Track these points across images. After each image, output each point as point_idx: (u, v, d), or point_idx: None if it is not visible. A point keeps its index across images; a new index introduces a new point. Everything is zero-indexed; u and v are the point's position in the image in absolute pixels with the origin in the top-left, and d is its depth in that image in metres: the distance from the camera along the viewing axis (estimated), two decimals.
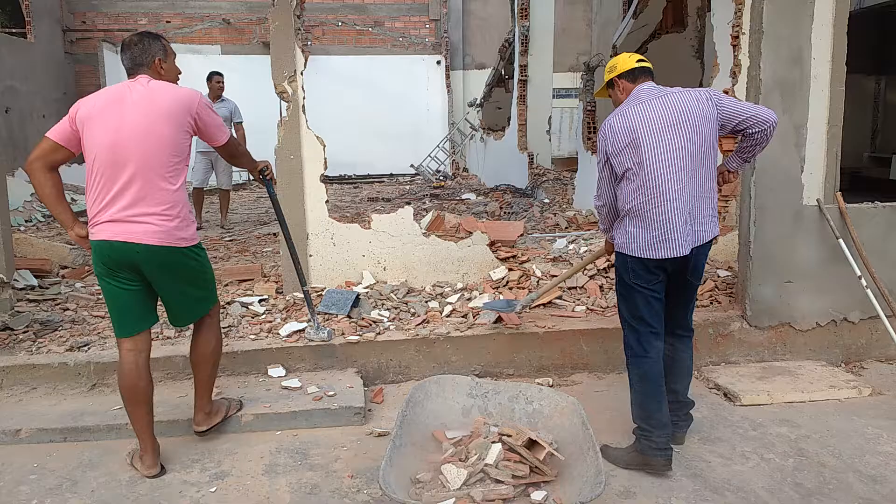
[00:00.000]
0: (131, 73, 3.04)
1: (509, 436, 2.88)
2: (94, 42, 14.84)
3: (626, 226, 3.09)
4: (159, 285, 3.04)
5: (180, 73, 3.21)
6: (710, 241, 3.13)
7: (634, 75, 3.16)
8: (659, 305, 3.14)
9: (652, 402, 3.09)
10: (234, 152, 3.34)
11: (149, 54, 3.04)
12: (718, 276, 4.87)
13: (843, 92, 4.23)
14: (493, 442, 2.85)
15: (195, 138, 3.13)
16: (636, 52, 8.85)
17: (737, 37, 5.15)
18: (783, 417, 3.67)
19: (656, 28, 8.81)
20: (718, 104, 3.04)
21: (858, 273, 4.17)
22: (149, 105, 2.90)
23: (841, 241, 4.21)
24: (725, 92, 5.30)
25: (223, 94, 8.17)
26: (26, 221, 8.90)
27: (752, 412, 3.73)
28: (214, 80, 8.11)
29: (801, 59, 4.14)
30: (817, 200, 4.27)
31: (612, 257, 3.58)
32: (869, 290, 4.16)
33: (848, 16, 4.19)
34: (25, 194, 9.94)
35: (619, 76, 3.18)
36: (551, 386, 3.97)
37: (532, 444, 2.84)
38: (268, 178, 3.65)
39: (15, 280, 4.75)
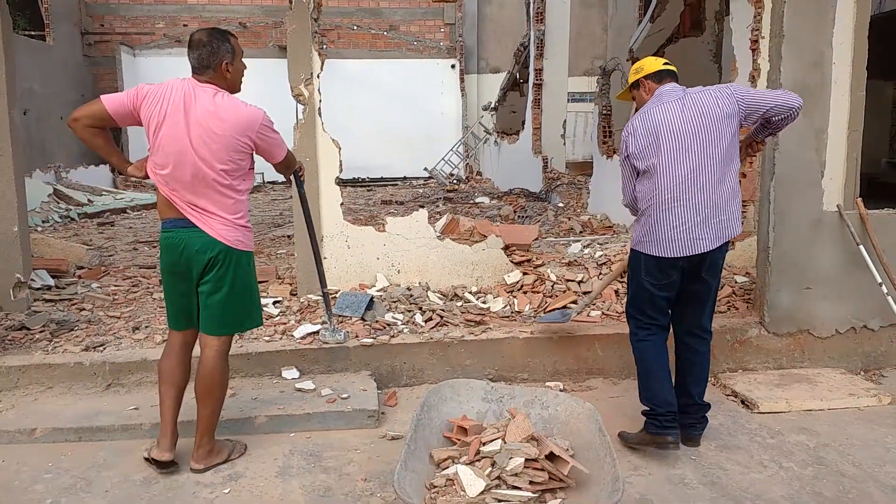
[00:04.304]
0: (196, 71, 3.01)
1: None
2: (111, 45, 15.00)
3: (643, 224, 3.19)
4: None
5: (245, 68, 3.17)
6: (728, 240, 3.18)
7: (660, 77, 3.26)
8: (665, 303, 3.26)
9: (654, 381, 3.23)
10: (289, 165, 3.36)
11: (217, 57, 2.99)
12: (736, 282, 4.82)
13: (863, 97, 4.18)
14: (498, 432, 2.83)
15: None
16: (653, 55, 8.83)
17: (756, 41, 5.10)
18: (802, 425, 3.62)
19: (673, 32, 8.77)
20: (740, 100, 3.12)
21: (879, 280, 4.11)
22: (211, 125, 2.90)
23: (861, 247, 4.15)
24: None
25: None
26: (43, 222, 8.98)
27: (770, 420, 3.69)
28: None
29: (821, 63, 4.10)
30: (837, 206, 4.21)
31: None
32: (889, 298, 4.10)
33: (869, 20, 4.14)
34: (43, 195, 10.05)
35: (646, 77, 3.28)
36: (563, 390, 3.94)
37: (553, 457, 2.81)
38: (301, 178, 3.69)
39: (32, 280, 4.78)
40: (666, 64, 3.28)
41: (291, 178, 3.65)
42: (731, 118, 3.09)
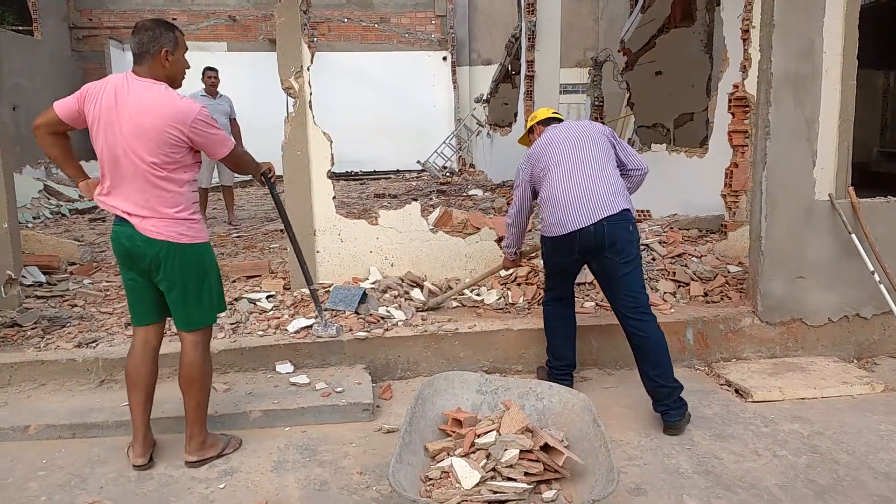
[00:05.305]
0: (136, 59, 2.95)
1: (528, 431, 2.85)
2: (100, 39, 14.89)
3: (544, 214, 3.70)
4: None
5: (188, 67, 3.10)
6: (619, 217, 3.47)
7: (548, 122, 3.89)
8: (569, 277, 3.82)
9: (553, 339, 3.84)
10: (238, 162, 3.23)
11: (157, 44, 2.92)
12: (729, 272, 4.83)
13: (854, 86, 4.19)
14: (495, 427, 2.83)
15: None
16: (644, 46, 8.84)
17: (747, 30, 5.11)
18: (795, 414, 3.64)
19: (664, 23, 8.76)
20: (611, 132, 3.74)
21: (871, 268, 4.13)
22: (142, 118, 2.84)
23: (853, 236, 4.17)
24: (735, 87, 5.26)
25: (218, 89, 7.97)
26: (34, 218, 8.92)
27: (763, 409, 3.70)
28: (207, 75, 7.85)
29: (812, 52, 4.10)
30: (829, 195, 4.23)
31: (510, 271, 4.62)
32: (881, 286, 4.12)
33: (859, 9, 4.14)
34: (33, 191, 9.98)
35: (538, 123, 3.92)
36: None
37: (548, 448, 2.81)
38: (271, 179, 3.54)
39: (23, 277, 4.75)
40: (555, 113, 3.91)
41: (262, 179, 3.49)
42: (603, 135, 3.68)
